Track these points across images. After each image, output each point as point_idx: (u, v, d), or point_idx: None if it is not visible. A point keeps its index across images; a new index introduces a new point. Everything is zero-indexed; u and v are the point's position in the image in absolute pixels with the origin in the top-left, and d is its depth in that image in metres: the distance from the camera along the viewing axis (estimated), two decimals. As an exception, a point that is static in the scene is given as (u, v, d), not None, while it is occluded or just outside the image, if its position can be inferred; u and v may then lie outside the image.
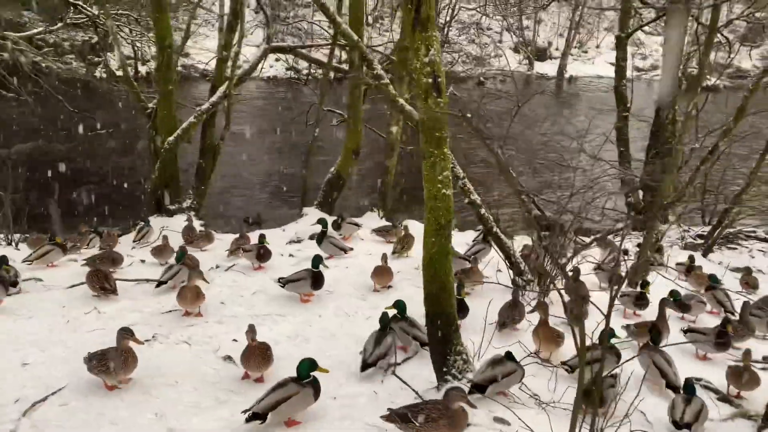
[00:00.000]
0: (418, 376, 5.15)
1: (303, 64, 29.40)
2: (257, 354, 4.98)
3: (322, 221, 9.02)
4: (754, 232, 14.90)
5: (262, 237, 8.31)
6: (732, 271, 10.58)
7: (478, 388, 4.53)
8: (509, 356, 4.77)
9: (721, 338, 5.97)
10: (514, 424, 4.25)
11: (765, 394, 5.12)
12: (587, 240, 9.27)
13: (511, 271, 7.51)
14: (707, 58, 12.66)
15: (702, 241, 13.14)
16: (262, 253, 8.11)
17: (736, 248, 14.16)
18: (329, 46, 13.12)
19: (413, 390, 4.83)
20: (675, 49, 13.76)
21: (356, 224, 10.13)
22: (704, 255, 12.23)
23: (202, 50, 25.04)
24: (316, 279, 6.84)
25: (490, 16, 30.80)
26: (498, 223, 7.62)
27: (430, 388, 4.84)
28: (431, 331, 4.76)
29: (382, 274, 7.38)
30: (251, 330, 5.04)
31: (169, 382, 4.95)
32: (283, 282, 6.90)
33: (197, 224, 10.52)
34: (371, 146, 14.70)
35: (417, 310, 5.43)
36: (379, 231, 10.14)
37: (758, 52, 32.77)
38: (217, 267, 8.23)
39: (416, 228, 10.23)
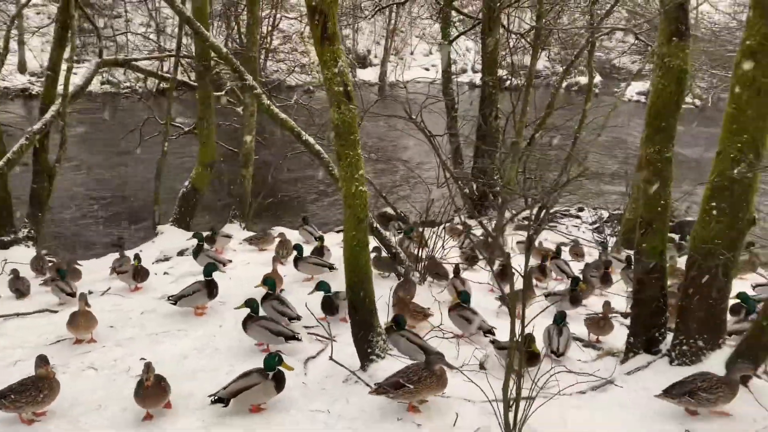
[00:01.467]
0: (334, 365, 5.54)
1: (120, 77, 27.88)
2: (152, 392, 4.50)
3: (197, 235, 8.95)
4: (568, 210, 17.22)
5: (136, 257, 8.05)
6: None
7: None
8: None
9: (574, 296, 7.14)
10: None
11: (618, 338, 6.26)
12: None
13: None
14: (535, 61, 14.23)
15: (529, 223, 14.88)
16: (140, 274, 7.88)
17: (555, 225, 16.26)
18: (172, 58, 12.82)
19: (348, 369, 5.20)
20: (492, 55, 15.53)
21: (228, 236, 10.13)
22: (534, 234, 13.96)
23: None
24: (211, 288, 6.86)
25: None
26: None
27: (356, 370, 5.23)
28: (354, 317, 5.18)
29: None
30: (148, 368, 4.49)
31: (93, 408, 4.80)
32: (175, 299, 6.81)
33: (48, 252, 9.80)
34: (226, 157, 14.54)
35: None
36: (251, 240, 10.24)
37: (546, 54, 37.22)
38: (90, 293, 7.81)
39: (291, 235, 10.54)
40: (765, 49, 4.50)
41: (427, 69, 39.71)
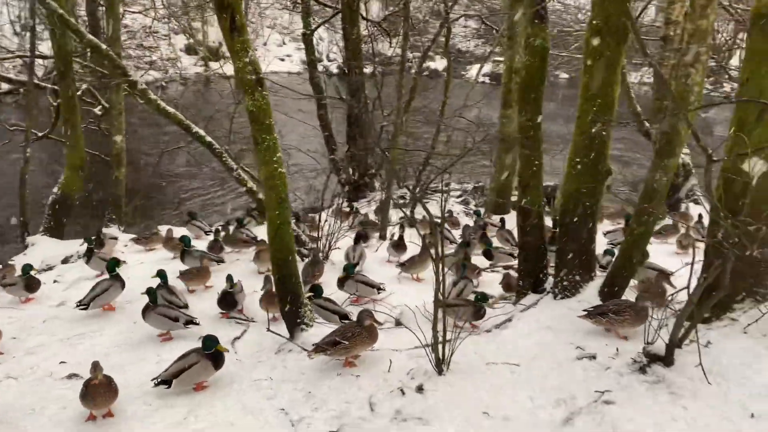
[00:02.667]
0: (261, 342, 5.86)
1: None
2: (102, 391, 4.46)
3: (87, 239, 8.67)
4: (437, 186, 18.35)
5: (26, 267, 7.68)
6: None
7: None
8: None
9: (488, 257, 8.06)
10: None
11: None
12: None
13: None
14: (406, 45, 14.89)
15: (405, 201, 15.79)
16: (32, 284, 7.55)
17: (428, 201, 17.32)
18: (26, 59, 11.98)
19: (284, 337, 5.57)
20: (355, 43, 16.13)
21: (115, 237, 9.85)
22: (412, 209, 14.89)
23: None
24: (122, 281, 6.87)
25: (158, 19, 30.23)
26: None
27: (285, 342, 5.59)
28: (282, 292, 5.52)
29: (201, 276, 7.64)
30: (96, 368, 4.48)
31: (27, 413, 4.74)
32: (86, 302, 6.70)
33: None
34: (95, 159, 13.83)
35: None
36: (138, 240, 10.03)
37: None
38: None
39: (180, 232, 10.44)
40: (607, 27, 5.42)
41: (282, 60, 39.61)
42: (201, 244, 9.15)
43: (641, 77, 17.77)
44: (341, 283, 6.94)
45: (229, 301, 6.54)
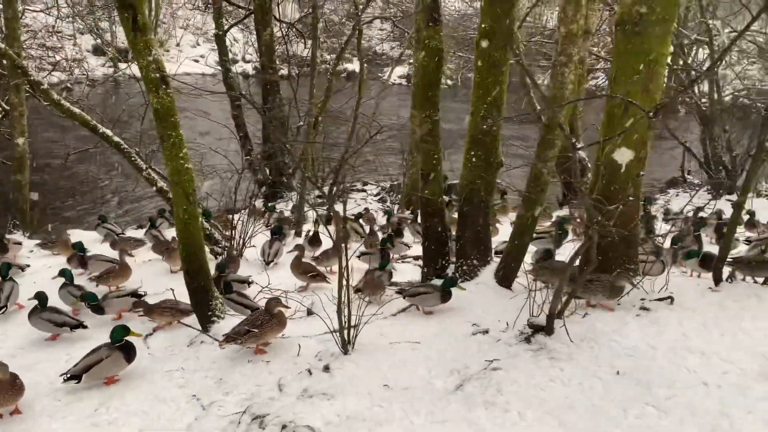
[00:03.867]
0: (174, 337, 5.96)
1: None
2: (6, 388, 4.48)
3: (-14, 245, 8.40)
4: (355, 185, 18.75)
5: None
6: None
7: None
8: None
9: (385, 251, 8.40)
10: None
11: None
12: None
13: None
14: (315, 47, 15.06)
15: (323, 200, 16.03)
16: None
17: (346, 201, 17.63)
18: None
19: (197, 329, 5.70)
20: (268, 44, 16.22)
21: (19, 242, 9.55)
22: (327, 208, 15.13)
23: None
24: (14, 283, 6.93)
25: (62, 18, 28.96)
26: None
27: (198, 335, 5.72)
28: (192, 285, 5.64)
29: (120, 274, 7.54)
30: (1, 367, 4.49)
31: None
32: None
33: None
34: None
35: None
36: (44, 245, 9.75)
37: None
38: None
39: (89, 236, 10.26)
40: (495, 30, 5.90)
41: (196, 61, 38.81)
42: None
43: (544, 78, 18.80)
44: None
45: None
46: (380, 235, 9.83)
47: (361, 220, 11.48)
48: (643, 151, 5.22)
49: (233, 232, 8.79)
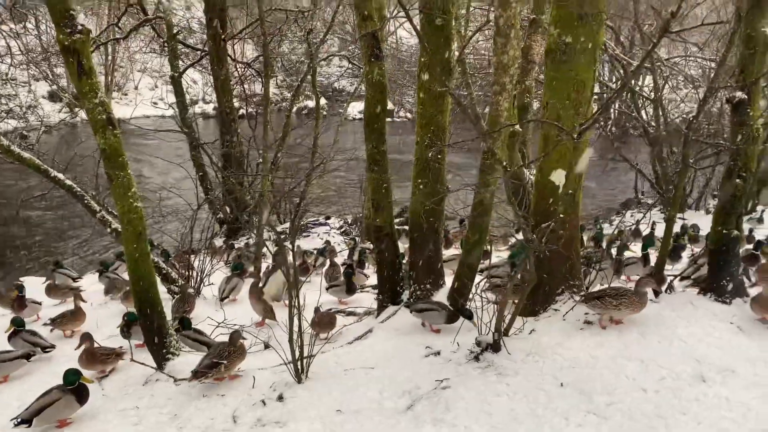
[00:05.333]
0: (128, 377, 5.93)
1: None
2: None
3: None
4: (317, 219, 18.85)
5: None
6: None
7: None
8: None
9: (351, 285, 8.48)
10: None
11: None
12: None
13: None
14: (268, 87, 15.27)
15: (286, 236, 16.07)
16: None
17: (308, 235, 17.73)
18: None
19: (152, 367, 5.67)
20: (224, 84, 16.40)
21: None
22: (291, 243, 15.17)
23: None
24: None
25: (15, 66, 28.74)
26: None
27: (153, 373, 5.71)
28: (146, 324, 5.65)
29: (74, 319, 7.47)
30: None
31: None
32: None
33: None
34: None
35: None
36: (-2, 294, 9.57)
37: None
38: None
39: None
40: (433, 64, 6.17)
41: (155, 103, 38.84)
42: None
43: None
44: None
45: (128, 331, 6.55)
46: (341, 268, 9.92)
47: (324, 253, 11.57)
48: (575, 172, 5.47)
49: (190, 270, 8.80)
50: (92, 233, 15.33)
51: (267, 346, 6.34)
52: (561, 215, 5.22)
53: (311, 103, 37.61)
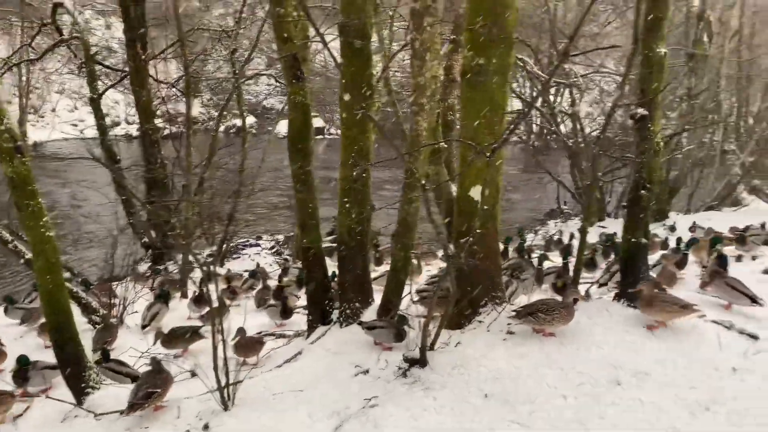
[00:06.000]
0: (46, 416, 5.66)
1: None
2: None
3: None
4: (248, 241, 18.58)
5: None
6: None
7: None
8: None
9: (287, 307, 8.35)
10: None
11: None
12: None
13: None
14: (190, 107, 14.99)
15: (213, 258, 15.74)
16: None
17: (239, 257, 17.46)
18: None
19: (70, 403, 5.43)
20: (146, 105, 16.00)
21: None
22: (221, 265, 14.91)
23: None
24: None
25: None
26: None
27: (72, 409, 5.47)
28: (61, 356, 5.42)
29: None
30: None
31: None
32: None
33: None
34: None
35: None
36: None
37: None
38: None
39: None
40: (354, 85, 6.25)
41: (75, 125, 37.32)
42: None
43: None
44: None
45: (23, 376, 6.21)
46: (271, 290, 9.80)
47: (255, 275, 11.40)
48: (492, 188, 5.65)
49: (112, 299, 8.50)
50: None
51: (193, 375, 6.19)
52: (479, 230, 5.37)
53: (240, 122, 37.20)
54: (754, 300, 5.64)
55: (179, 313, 9.25)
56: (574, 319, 5.73)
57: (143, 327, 7.94)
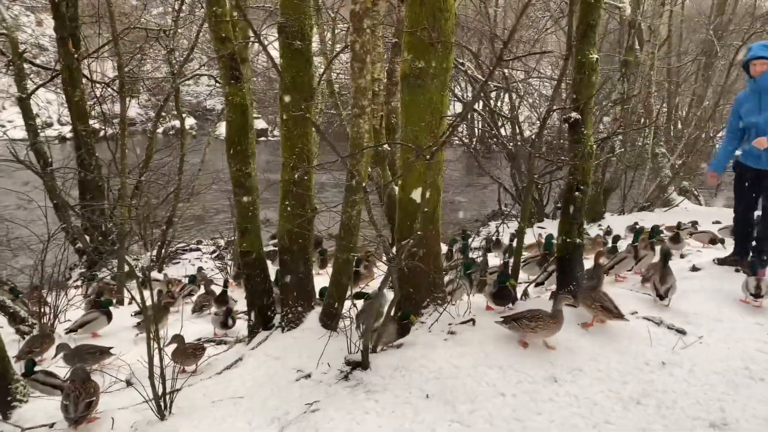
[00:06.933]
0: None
1: None
2: None
3: None
4: (188, 245, 18.17)
5: None
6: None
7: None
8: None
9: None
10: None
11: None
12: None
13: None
14: (125, 108, 14.50)
15: (154, 263, 15.34)
16: None
17: (179, 262, 17.03)
18: None
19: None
20: (79, 105, 15.40)
21: None
22: (159, 270, 14.49)
23: None
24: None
25: None
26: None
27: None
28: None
29: None
30: None
31: None
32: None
33: None
34: None
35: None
36: None
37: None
38: None
39: None
40: (294, 86, 6.19)
41: (3, 126, 35.56)
42: None
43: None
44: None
45: None
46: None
47: (194, 281, 11.14)
48: (433, 190, 5.71)
49: (42, 307, 8.13)
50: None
51: (129, 384, 5.99)
52: (420, 231, 5.41)
53: (179, 123, 36.35)
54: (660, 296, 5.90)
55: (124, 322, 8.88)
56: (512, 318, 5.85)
57: (68, 331, 7.62)
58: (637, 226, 12.53)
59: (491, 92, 21.30)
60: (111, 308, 8.27)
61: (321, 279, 7.22)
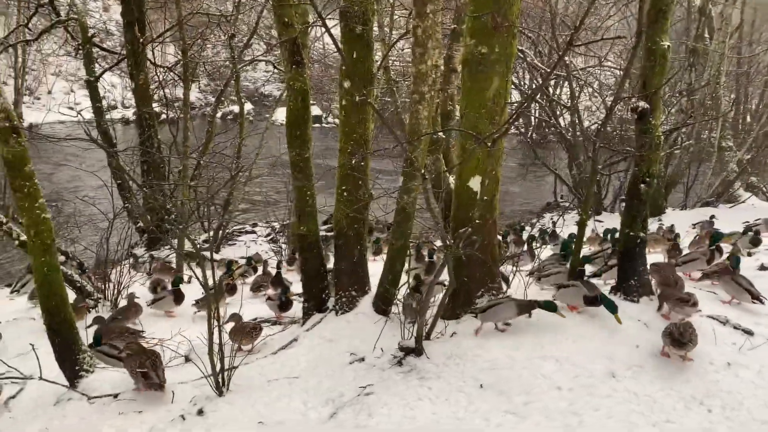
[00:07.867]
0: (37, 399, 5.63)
1: None
2: None
3: None
4: (244, 227, 18.56)
5: None
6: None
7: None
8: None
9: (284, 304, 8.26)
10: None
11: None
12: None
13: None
14: (188, 92, 14.87)
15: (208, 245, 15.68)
16: None
17: (234, 243, 17.42)
18: None
19: (64, 386, 5.43)
20: (143, 89, 15.87)
21: None
22: (217, 251, 14.86)
23: None
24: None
25: None
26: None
27: (65, 392, 5.44)
28: (55, 340, 5.38)
29: None
30: None
31: None
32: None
33: None
34: None
35: None
36: None
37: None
38: None
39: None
40: (354, 72, 6.20)
41: (71, 108, 37.00)
42: None
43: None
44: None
45: None
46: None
47: (251, 262, 11.37)
48: (491, 179, 5.63)
49: (107, 283, 8.46)
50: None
51: (187, 360, 6.18)
52: (478, 220, 5.35)
53: (237, 108, 37.05)
54: (756, 297, 5.68)
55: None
56: (568, 312, 5.74)
57: (149, 304, 7.96)
58: (713, 227, 11.96)
59: (551, 80, 20.84)
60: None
61: (374, 265, 7.22)
